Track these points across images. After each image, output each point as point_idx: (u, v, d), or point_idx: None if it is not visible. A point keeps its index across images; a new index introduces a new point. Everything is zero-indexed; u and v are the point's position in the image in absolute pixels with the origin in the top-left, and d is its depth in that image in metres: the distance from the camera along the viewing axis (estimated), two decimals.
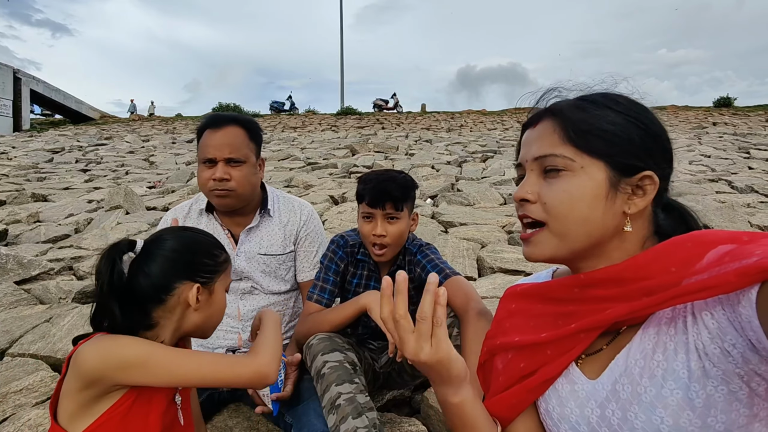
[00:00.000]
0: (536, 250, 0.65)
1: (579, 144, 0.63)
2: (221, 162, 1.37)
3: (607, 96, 0.66)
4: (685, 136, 11.12)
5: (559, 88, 0.71)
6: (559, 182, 0.63)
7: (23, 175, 7.79)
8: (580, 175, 0.62)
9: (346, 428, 1.01)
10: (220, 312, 0.93)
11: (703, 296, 0.51)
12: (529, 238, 0.66)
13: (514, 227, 3.67)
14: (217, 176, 1.35)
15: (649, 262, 0.58)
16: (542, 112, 0.69)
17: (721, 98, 19.93)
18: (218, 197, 1.40)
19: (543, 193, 0.64)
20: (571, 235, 0.63)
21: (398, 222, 1.32)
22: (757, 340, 0.48)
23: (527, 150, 0.68)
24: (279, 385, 1.19)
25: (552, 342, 0.66)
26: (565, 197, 0.62)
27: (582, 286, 0.64)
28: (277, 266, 1.50)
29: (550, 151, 0.64)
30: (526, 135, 0.70)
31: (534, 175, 0.66)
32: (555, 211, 0.63)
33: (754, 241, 0.52)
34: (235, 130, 1.40)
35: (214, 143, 1.37)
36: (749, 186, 5.20)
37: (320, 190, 5.47)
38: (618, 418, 0.60)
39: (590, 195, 0.62)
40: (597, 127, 0.63)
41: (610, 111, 0.64)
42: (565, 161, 0.63)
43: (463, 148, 10.06)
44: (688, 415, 0.54)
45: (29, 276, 2.69)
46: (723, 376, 0.52)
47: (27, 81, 19.39)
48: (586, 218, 0.62)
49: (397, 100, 23.60)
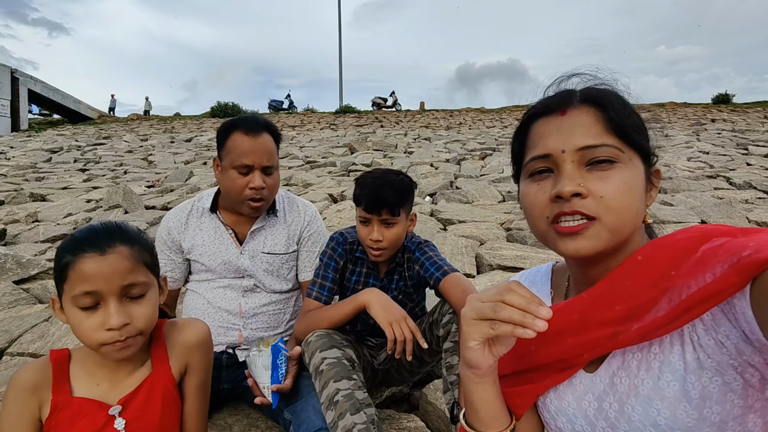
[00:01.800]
0: (588, 244, 0.59)
1: (622, 135, 0.60)
2: (258, 170, 1.36)
3: (614, 91, 0.65)
4: (683, 132, 11.12)
5: (581, 74, 0.66)
6: (616, 174, 0.59)
7: (21, 175, 7.77)
8: (630, 167, 0.60)
9: (345, 424, 1.01)
10: (75, 331, 0.81)
11: (712, 304, 0.50)
12: (580, 231, 0.59)
13: (513, 224, 3.67)
14: (257, 185, 1.35)
15: (648, 266, 0.57)
16: (570, 98, 0.63)
17: (719, 95, 19.93)
18: (254, 205, 1.40)
19: (595, 186, 0.58)
20: (624, 230, 0.59)
21: (395, 227, 1.32)
22: (751, 331, 0.48)
23: (566, 139, 0.60)
24: (280, 377, 1.20)
25: (560, 360, 0.65)
26: (624, 189, 0.58)
27: (583, 313, 0.60)
28: (280, 265, 1.51)
29: (600, 141, 0.59)
30: (554, 124, 0.62)
31: (574, 166, 0.60)
32: (615, 205, 0.58)
33: (746, 234, 0.52)
34: (268, 137, 1.40)
35: (253, 150, 1.35)
36: (747, 182, 5.21)
37: (319, 189, 5.47)
38: (615, 411, 0.60)
39: (641, 187, 0.61)
40: (631, 118, 0.62)
41: (627, 104, 0.63)
42: (616, 152, 0.59)
43: (462, 146, 10.06)
44: (685, 407, 0.54)
45: (28, 275, 2.69)
46: (717, 367, 0.52)
47: (25, 81, 19.33)
48: (638, 212, 0.60)
49: (396, 99, 23.54)
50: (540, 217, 0.62)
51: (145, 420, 0.87)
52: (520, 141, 0.69)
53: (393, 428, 1.36)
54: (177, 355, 0.94)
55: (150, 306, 0.86)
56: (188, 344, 0.95)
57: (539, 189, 0.63)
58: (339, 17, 27.82)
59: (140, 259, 0.84)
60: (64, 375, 0.86)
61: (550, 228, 0.62)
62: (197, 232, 1.49)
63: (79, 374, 0.87)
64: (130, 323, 0.81)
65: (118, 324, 0.79)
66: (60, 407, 0.83)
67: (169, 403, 0.91)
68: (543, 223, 0.62)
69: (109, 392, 0.87)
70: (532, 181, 0.64)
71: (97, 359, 0.87)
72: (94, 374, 0.87)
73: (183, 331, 0.96)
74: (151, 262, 0.88)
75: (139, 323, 0.83)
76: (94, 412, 0.84)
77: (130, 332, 0.81)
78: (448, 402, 1.17)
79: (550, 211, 0.61)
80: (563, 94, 0.64)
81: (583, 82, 0.65)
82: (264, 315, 1.48)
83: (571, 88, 0.65)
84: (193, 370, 0.96)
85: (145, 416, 0.87)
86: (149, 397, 0.88)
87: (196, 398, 0.96)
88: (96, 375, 0.87)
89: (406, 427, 1.37)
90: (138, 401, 0.87)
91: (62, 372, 0.86)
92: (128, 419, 0.85)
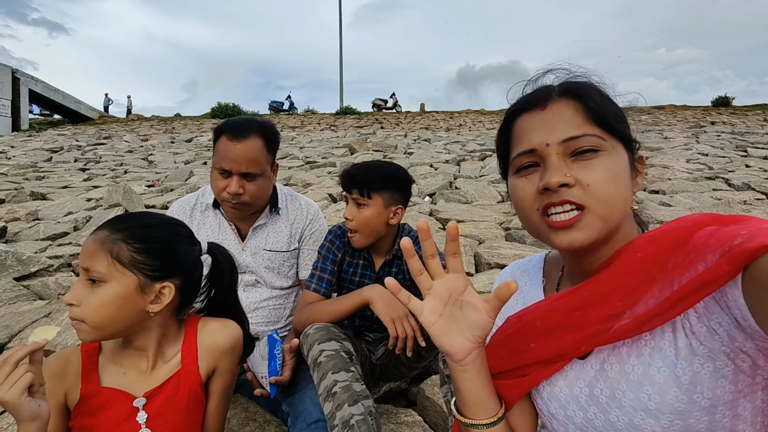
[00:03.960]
0: (582, 234, 0.60)
1: (603, 124, 0.61)
2: (237, 176, 1.35)
3: (590, 82, 0.66)
4: (683, 134, 11.13)
5: (555, 69, 0.68)
6: (600, 162, 0.60)
7: (22, 174, 7.77)
8: (614, 154, 0.61)
9: (342, 415, 1.02)
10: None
11: (705, 294, 0.51)
12: (574, 223, 0.59)
13: (511, 224, 3.68)
14: (231, 191, 1.34)
15: (646, 260, 0.57)
16: (550, 92, 0.64)
17: (719, 98, 19.94)
18: (231, 208, 1.41)
19: (581, 175, 0.59)
20: (614, 217, 0.60)
21: (365, 209, 1.34)
22: (743, 318, 0.48)
23: (549, 133, 0.62)
24: (277, 369, 1.21)
25: (557, 355, 0.65)
26: (610, 177, 0.59)
27: (583, 309, 0.61)
28: (281, 262, 1.52)
29: (582, 131, 0.60)
30: (536, 118, 0.64)
31: (559, 158, 0.61)
32: (602, 193, 0.59)
33: (738, 222, 0.53)
34: (254, 142, 1.36)
35: (232, 156, 1.33)
36: (746, 183, 5.22)
37: (319, 189, 5.48)
38: (606, 396, 0.61)
39: (626, 174, 0.62)
40: (610, 107, 0.63)
41: (605, 94, 0.65)
42: (599, 141, 0.60)
43: (462, 147, 10.07)
44: (675, 392, 0.55)
45: (28, 272, 2.70)
46: (709, 353, 0.53)
47: (25, 81, 19.34)
48: (626, 198, 0.61)
49: (396, 100, 23.54)
50: (530, 209, 0.64)
51: (168, 417, 0.87)
52: (504, 139, 0.70)
53: (391, 423, 1.37)
54: (207, 355, 0.93)
55: (100, 298, 0.82)
56: (220, 348, 0.94)
57: (527, 182, 0.64)
58: (340, 18, 27.85)
59: (109, 248, 0.83)
60: (93, 365, 0.88)
61: (542, 221, 0.63)
62: (201, 226, 1.50)
63: (107, 365, 0.89)
64: (75, 305, 0.81)
65: (64, 300, 0.83)
66: (89, 396, 0.85)
67: (194, 402, 0.91)
68: (534, 216, 0.63)
69: (135, 383, 0.87)
70: (520, 176, 0.66)
71: (124, 349, 0.89)
72: (121, 363, 0.89)
73: (215, 332, 0.95)
74: (132, 259, 0.84)
75: (82, 310, 0.81)
76: (120, 402, 0.85)
77: (73, 315, 0.81)
78: (445, 395, 1.18)
79: (539, 203, 0.62)
80: (542, 89, 0.66)
81: (558, 79, 0.67)
82: (264, 310, 1.49)
83: (548, 84, 0.67)
84: (221, 372, 0.95)
85: (168, 413, 0.87)
86: (175, 394, 0.88)
87: (220, 400, 0.96)
88: (123, 364, 0.89)
89: (404, 421, 1.38)
90: (163, 396, 0.87)
91: (92, 362, 0.88)
92: (151, 414, 0.86)
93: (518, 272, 0.83)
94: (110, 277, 0.82)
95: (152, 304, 0.85)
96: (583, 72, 0.67)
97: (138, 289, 0.84)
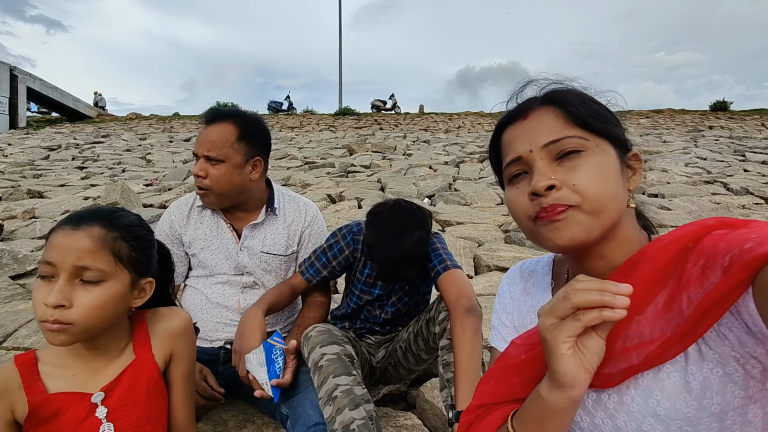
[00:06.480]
0: (568, 231, 0.59)
1: (585, 125, 0.62)
2: (202, 158, 1.37)
3: (571, 89, 0.68)
4: (681, 138, 11.17)
5: (535, 80, 0.70)
6: (583, 161, 0.61)
7: (19, 172, 7.73)
8: (598, 153, 0.62)
9: (343, 419, 1.01)
10: None
11: (728, 304, 0.49)
12: (560, 217, 0.59)
13: (511, 226, 3.68)
14: (194, 170, 1.38)
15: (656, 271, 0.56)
16: (532, 103, 0.67)
17: (717, 102, 20.03)
18: (199, 193, 1.42)
19: (567, 176, 0.60)
20: (607, 213, 0.60)
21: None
22: (753, 323, 0.48)
23: (531, 139, 0.64)
24: (278, 371, 1.19)
25: None
26: (595, 173, 0.60)
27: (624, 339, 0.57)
28: (278, 266, 1.50)
29: (562, 134, 0.62)
30: (519, 128, 0.66)
31: (544, 163, 0.62)
32: (590, 190, 0.59)
33: (747, 226, 0.52)
34: (224, 128, 1.37)
35: (200, 138, 1.39)
36: (744, 188, 5.24)
37: (317, 189, 5.47)
38: (614, 402, 0.60)
39: (614, 170, 0.62)
40: (592, 109, 0.64)
41: (585, 96, 0.66)
42: (581, 141, 0.62)
43: (461, 149, 10.08)
44: (685, 397, 0.54)
45: (24, 271, 2.68)
46: (719, 358, 0.52)
47: (24, 78, 19.27)
48: (616, 194, 0.61)
49: (395, 101, 23.54)
50: (524, 217, 0.65)
51: (129, 409, 0.85)
52: (495, 152, 0.73)
53: (390, 426, 1.36)
54: (160, 342, 0.92)
55: (100, 298, 0.79)
56: (172, 332, 0.94)
57: (519, 191, 0.65)
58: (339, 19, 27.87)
59: (111, 246, 0.81)
60: (33, 376, 0.83)
61: (536, 227, 0.63)
62: (198, 226, 1.49)
63: (51, 371, 0.85)
64: (66, 307, 0.76)
65: (52, 302, 0.75)
66: (38, 406, 0.81)
67: (155, 391, 0.89)
68: (528, 223, 0.64)
69: (87, 382, 0.85)
70: (512, 185, 0.67)
71: (71, 350, 0.85)
72: (69, 366, 0.85)
73: (166, 318, 0.95)
74: (129, 256, 0.83)
75: (75, 312, 0.76)
76: (76, 403, 0.82)
77: (62, 317, 0.75)
78: (445, 400, 1.17)
79: (532, 209, 0.63)
80: (526, 101, 0.69)
81: (540, 88, 0.69)
82: None
83: (532, 96, 0.69)
84: (179, 358, 0.94)
85: (128, 405, 0.85)
86: (133, 386, 0.86)
87: (183, 388, 0.95)
88: (71, 366, 0.85)
89: (403, 424, 1.37)
90: (121, 389, 0.85)
91: (31, 374, 0.83)
92: (111, 408, 0.84)
93: (527, 271, 0.83)
94: (111, 275, 0.81)
95: (135, 300, 0.87)
96: (563, 79, 0.69)
97: (130, 287, 0.84)
